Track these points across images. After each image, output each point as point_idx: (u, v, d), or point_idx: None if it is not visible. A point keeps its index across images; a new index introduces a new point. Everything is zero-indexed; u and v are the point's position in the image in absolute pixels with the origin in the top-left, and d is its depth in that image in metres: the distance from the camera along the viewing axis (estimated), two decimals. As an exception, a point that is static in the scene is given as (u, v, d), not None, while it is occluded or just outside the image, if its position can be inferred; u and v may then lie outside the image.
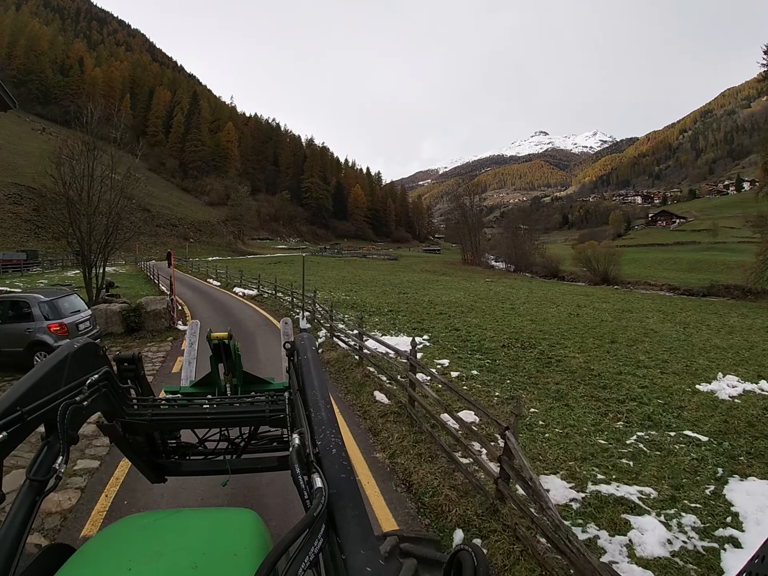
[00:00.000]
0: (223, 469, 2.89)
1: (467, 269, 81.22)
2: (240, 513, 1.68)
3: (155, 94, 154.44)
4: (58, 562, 1.35)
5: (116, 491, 6.08)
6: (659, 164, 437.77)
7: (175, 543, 1.42)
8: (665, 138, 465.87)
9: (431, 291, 35.38)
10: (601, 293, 42.93)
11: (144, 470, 2.85)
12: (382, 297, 29.33)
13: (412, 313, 22.72)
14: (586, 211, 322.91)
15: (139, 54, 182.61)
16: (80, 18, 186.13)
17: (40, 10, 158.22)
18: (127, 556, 1.31)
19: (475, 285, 44.79)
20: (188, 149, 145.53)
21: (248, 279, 34.21)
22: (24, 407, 1.48)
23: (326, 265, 69.28)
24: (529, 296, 34.56)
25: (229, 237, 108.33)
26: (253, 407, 2.57)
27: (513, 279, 64.96)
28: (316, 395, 1.76)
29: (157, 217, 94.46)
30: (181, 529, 1.53)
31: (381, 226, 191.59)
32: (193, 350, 4.16)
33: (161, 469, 2.93)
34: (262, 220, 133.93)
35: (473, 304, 27.75)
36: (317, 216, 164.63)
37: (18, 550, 1.25)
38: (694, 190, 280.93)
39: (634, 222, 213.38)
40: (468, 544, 1.23)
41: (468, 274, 70.07)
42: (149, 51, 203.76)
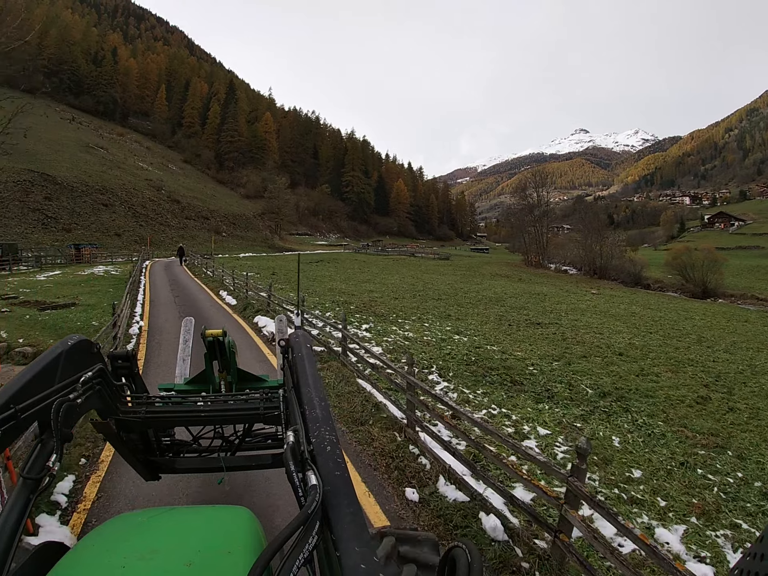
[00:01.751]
0: (218, 466, 2.86)
1: (541, 273, 71.69)
2: (234, 510, 1.67)
3: (191, 84, 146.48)
4: (53, 560, 1.34)
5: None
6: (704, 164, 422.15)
7: (170, 541, 1.41)
8: (710, 137, 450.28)
9: (566, 317, 24.70)
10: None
11: (138, 468, 2.81)
12: (526, 339, 18.68)
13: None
14: (632, 211, 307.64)
15: (177, 48, 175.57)
16: (117, 14, 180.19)
17: (75, 5, 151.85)
18: (121, 554, 1.30)
19: (585, 299, 35.58)
20: (224, 139, 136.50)
21: (280, 287, 26.03)
22: (17, 405, 1.49)
23: (375, 265, 59.90)
24: (697, 322, 26.50)
25: (265, 231, 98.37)
26: (248, 404, 2.54)
27: (610, 289, 54.29)
28: (311, 392, 1.76)
29: (187, 209, 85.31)
30: (175, 527, 1.52)
31: (423, 223, 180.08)
32: (187, 347, 4.37)
33: (156, 466, 2.92)
34: (300, 215, 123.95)
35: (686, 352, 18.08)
36: (358, 211, 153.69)
37: (12, 549, 1.27)
38: (745, 191, 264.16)
39: (689, 223, 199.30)
40: (462, 541, 1.25)
41: (549, 280, 59.94)
42: (188, 47, 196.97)
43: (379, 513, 5.48)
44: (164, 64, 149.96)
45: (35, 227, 56.56)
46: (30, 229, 55.54)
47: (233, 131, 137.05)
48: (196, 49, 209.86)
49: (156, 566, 1.23)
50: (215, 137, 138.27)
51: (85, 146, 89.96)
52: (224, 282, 27.54)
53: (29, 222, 56.55)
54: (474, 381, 11.73)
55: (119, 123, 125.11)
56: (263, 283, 28.49)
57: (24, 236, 53.29)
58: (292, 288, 27.37)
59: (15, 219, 55.29)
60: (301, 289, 24.85)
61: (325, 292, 27.25)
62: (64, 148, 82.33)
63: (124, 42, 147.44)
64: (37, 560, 1.39)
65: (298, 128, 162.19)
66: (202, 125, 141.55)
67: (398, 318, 19.99)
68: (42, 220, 58.09)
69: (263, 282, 29.46)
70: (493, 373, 12.45)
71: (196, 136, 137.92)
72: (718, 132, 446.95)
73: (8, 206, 56.54)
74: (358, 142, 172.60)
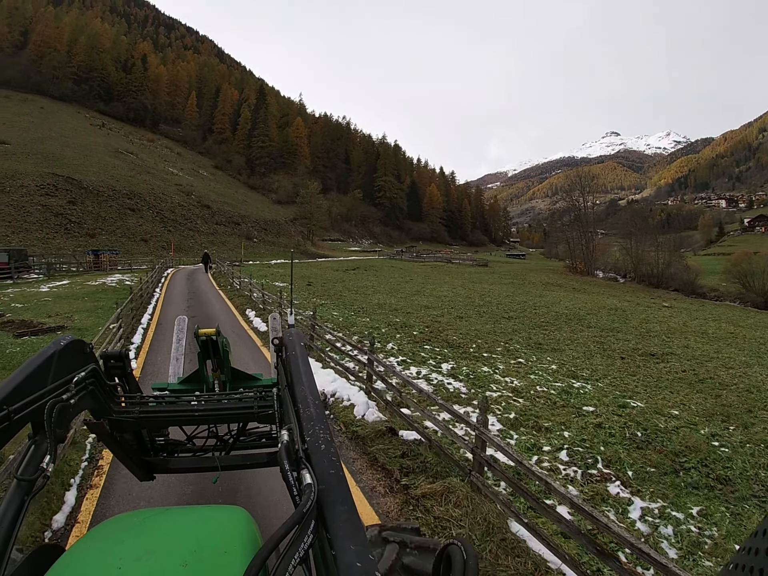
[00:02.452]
0: (212, 466, 2.79)
1: (591, 282, 66.84)
2: (230, 510, 1.64)
3: (222, 91, 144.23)
4: (48, 563, 1.32)
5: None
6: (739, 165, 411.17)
7: (165, 541, 1.39)
8: (743, 138, 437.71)
9: (672, 342, 20.35)
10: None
11: (132, 468, 2.73)
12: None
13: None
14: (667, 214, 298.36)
15: (207, 57, 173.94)
16: (147, 24, 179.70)
17: (105, 15, 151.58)
18: (117, 555, 1.29)
19: (663, 314, 30.83)
20: (255, 145, 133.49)
21: (320, 302, 22.70)
22: (10, 406, 1.46)
23: (415, 272, 55.48)
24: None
25: (297, 237, 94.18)
26: (242, 404, 2.49)
27: (674, 300, 48.93)
28: (305, 391, 1.75)
29: (217, 214, 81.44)
30: (170, 527, 1.50)
31: (456, 229, 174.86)
32: (180, 346, 4.02)
33: (150, 466, 2.84)
34: (333, 220, 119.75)
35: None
36: (390, 217, 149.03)
37: (6, 553, 1.25)
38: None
39: (727, 227, 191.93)
40: (458, 539, 1.23)
41: (604, 289, 55.32)
42: (218, 56, 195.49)
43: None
44: (194, 71, 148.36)
45: (57, 232, 53.22)
46: (51, 234, 52.22)
47: (264, 136, 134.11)
48: (226, 57, 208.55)
49: (152, 567, 1.23)
50: (246, 143, 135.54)
51: (114, 151, 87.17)
52: (252, 297, 22.51)
53: (51, 226, 53.25)
54: (671, 487, 7.30)
55: (150, 129, 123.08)
56: (298, 296, 23.64)
57: (45, 241, 50.15)
58: (334, 303, 22.55)
59: (36, 224, 52.08)
60: (345, 304, 22.25)
61: (373, 308, 22.53)
62: (93, 153, 79.52)
63: (154, 50, 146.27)
64: (32, 563, 1.36)
65: (329, 133, 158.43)
66: (233, 131, 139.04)
67: (481, 350, 15.41)
68: (65, 225, 54.76)
69: (298, 294, 24.62)
70: (685, 464, 8.04)
71: (227, 142, 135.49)
72: (752, 132, 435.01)
73: (29, 210, 53.43)
74: (390, 147, 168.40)
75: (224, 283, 29.69)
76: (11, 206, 52.45)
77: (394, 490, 6.02)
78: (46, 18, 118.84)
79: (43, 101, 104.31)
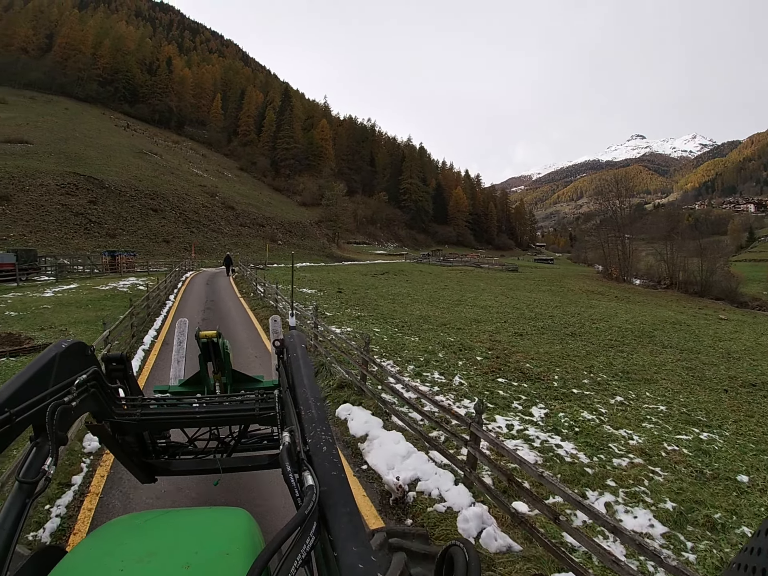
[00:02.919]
0: (213, 468, 2.83)
1: (630, 289, 62.56)
2: (232, 512, 1.65)
3: (246, 93, 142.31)
4: (50, 565, 1.32)
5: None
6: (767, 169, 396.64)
7: (167, 543, 1.39)
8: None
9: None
10: None
11: (134, 470, 2.78)
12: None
13: None
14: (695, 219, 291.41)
15: (232, 60, 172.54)
16: (172, 27, 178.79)
17: (131, 19, 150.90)
18: (119, 557, 1.29)
19: (727, 329, 27.22)
20: (280, 147, 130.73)
21: (356, 314, 20.04)
22: (12, 408, 1.46)
23: (447, 278, 52.21)
24: None
25: (322, 240, 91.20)
26: (243, 406, 2.50)
27: (723, 310, 44.01)
28: (306, 393, 1.75)
29: (241, 216, 78.88)
30: (172, 529, 1.51)
31: (482, 232, 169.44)
32: (181, 349, 4.42)
33: (151, 469, 2.87)
34: (358, 223, 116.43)
35: None
36: (416, 219, 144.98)
37: (9, 554, 1.25)
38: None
39: (758, 232, 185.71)
40: (460, 540, 1.23)
41: (649, 298, 51.06)
42: (242, 60, 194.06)
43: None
44: (219, 74, 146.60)
45: (77, 232, 51.05)
46: (70, 234, 50.02)
47: (289, 138, 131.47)
48: (250, 61, 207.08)
49: (154, 569, 1.22)
50: (271, 144, 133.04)
51: (138, 152, 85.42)
52: (279, 308, 19.28)
53: (70, 226, 51.11)
54: None
55: (174, 131, 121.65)
56: (328, 304, 20.47)
57: (63, 241, 48.02)
58: (372, 316, 19.50)
59: (55, 223, 49.91)
60: (384, 317, 19.75)
61: (417, 323, 19.36)
62: (116, 153, 77.74)
63: (179, 53, 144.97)
64: (34, 565, 1.37)
65: (353, 136, 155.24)
66: (258, 133, 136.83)
67: (567, 384, 12.43)
68: (84, 225, 52.55)
69: (329, 304, 21.43)
70: None
71: (252, 144, 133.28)
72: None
73: (49, 210, 51.30)
74: (415, 149, 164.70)
75: (247, 290, 26.53)
76: (30, 205, 50.41)
77: None
78: (71, 21, 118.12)
79: (68, 102, 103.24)
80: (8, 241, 44.08)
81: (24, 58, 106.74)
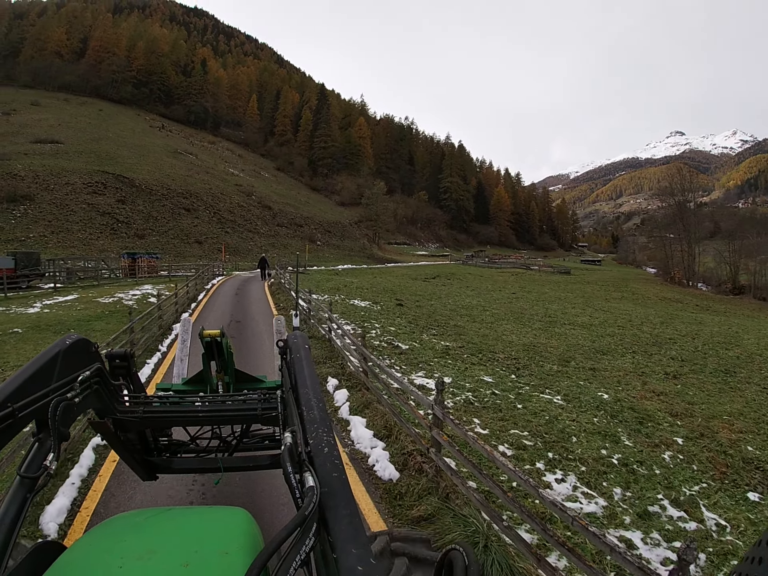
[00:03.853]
0: (215, 467, 2.78)
1: (699, 294, 58.65)
2: (231, 511, 1.63)
3: (282, 93, 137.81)
4: (49, 560, 1.31)
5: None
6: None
7: (167, 541, 1.38)
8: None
9: None
10: None
11: (135, 468, 2.73)
12: None
13: None
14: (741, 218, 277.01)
15: (267, 62, 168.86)
16: (207, 32, 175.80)
17: (165, 24, 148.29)
18: (118, 554, 1.28)
19: None
20: (317, 146, 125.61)
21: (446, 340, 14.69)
22: (15, 404, 1.45)
23: (505, 282, 48.46)
24: None
25: (362, 240, 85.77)
26: (246, 405, 2.48)
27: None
28: (309, 394, 1.73)
29: (278, 216, 73.99)
30: (172, 528, 1.49)
31: (524, 232, 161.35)
32: (185, 347, 4.38)
33: (153, 466, 2.82)
34: (398, 223, 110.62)
35: None
36: (457, 219, 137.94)
37: (8, 548, 1.25)
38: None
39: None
40: (459, 544, 1.23)
41: (732, 307, 46.71)
42: (277, 62, 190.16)
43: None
44: (255, 75, 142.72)
45: (102, 232, 46.82)
46: (95, 235, 45.80)
47: (326, 136, 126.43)
48: (285, 63, 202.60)
49: (153, 566, 1.20)
50: (308, 144, 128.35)
51: (172, 152, 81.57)
52: (334, 339, 11.96)
53: (96, 226, 46.95)
54: None
55: (210, 132, 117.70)
56: (394, 325, 15.00)
57: (86, 242, 43.81)
58: (472, 353, 13.85)
59: (79, 223, 45.84)
60: (479, 348, 14.63)
61: (530, 359, 13.64)
62: (150, 152, 74.03)
63: (214, 56, 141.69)
64: (33, 559, 1.35)
65: (392, 134, 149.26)
66: (295, 133, 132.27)
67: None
68: (111, 225, 48.31)
69: (391, 321, 15.90)
70: None
71: (289, 144, 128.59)
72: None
73: (73, 209, 47.33)
74: (454, 147, 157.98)
75: (285, 303, 20.59)
76: (53, 204, 46.37)
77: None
78: (105, 23, 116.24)
79: (102, 104, 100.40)
80: (27, 242, 40.09)
81: (58, 62, 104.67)
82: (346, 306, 19.60)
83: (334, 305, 16.16)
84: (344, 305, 19.78)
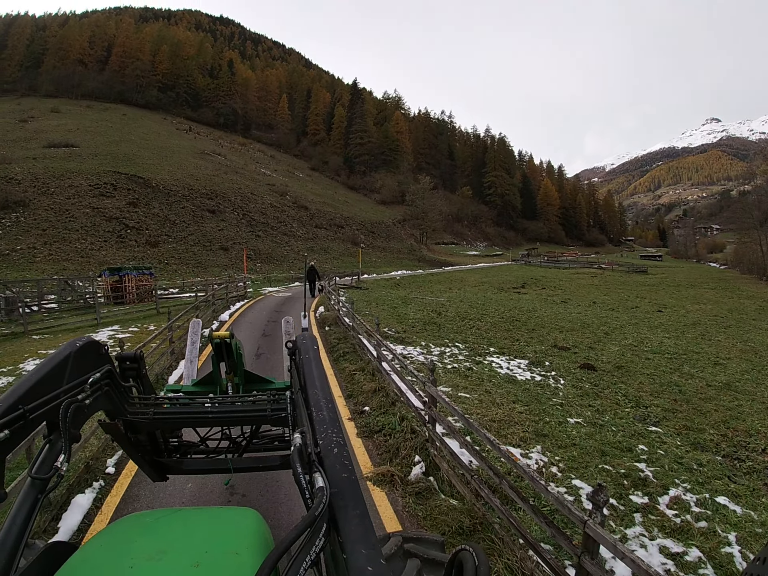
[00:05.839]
0: (225, 467, 2.76)
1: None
2: (242, 512, 1.63)
3: (313, 92, 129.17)
4: (60, 560, 1.31)
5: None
6: None
7: (177, 541, 1.37)
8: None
9: None
10: None
11: (146, 468, 2.71)
12: None
13: None
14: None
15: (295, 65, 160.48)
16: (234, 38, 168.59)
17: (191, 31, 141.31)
18: (129, 555, 1.28)
19: None
20: (353, 142, 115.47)
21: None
22: (26, 405, 1.45)
23: (596, 287, 41.69)
24: None
25: (409, 241, 75.72)
26: (255, 406, 2.46)
27: None
28: (318, 394, 1.71)
29: (316, 216, 64.43)
30: (183, 528, 1.48)
31: (572, 228, 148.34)
32: (194, 349, 4.17)
33: (163, 467, 2.80)
34: (444, 221, 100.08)
35: None
36: (503, 216, 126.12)
37: (20, 548, 1.25)
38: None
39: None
40: (469, 544, 1.22)
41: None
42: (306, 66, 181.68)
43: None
44: (284, 77, 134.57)
45: (107, 241, 37.73)
46: (97, 245, 36.69)
47: (362, 132, 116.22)
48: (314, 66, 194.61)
49: (164, 567, 1.20)
50: (343, 142, 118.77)
51: (199, 153, 73.06)
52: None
53: (99, 234, 37.94)
54: None
55: (241, 134, 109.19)
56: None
57: (84, 254, 34.69)
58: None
59: (79, 231, 36.92)
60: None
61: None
62: (174, 154, 65.60)
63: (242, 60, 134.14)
64: (45, 559, 1.35)
65: (429, 129, 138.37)
66: (328, 131, 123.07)
67: None
68: (118, 232, 39.18)
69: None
70: None
71: (323, 143, 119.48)
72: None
73: (74, 215, 38.56)
74: (495, 140, 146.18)
75: (357, 365, 9.84)
76: (50, 210, 37.50)
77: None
78: (127, 29, 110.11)
79: (126, 109, 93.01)
80: (10, 256, 31.12)
81: (81, 69, 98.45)
82: (488, 389, 9.24)
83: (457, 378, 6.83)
84: (478, 377, 9.46)
